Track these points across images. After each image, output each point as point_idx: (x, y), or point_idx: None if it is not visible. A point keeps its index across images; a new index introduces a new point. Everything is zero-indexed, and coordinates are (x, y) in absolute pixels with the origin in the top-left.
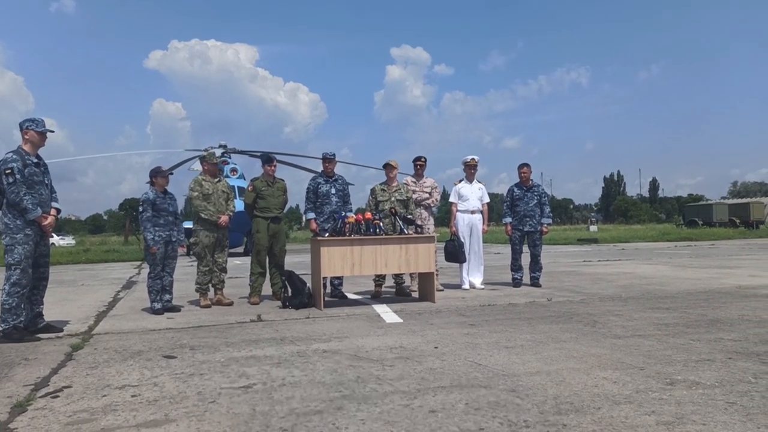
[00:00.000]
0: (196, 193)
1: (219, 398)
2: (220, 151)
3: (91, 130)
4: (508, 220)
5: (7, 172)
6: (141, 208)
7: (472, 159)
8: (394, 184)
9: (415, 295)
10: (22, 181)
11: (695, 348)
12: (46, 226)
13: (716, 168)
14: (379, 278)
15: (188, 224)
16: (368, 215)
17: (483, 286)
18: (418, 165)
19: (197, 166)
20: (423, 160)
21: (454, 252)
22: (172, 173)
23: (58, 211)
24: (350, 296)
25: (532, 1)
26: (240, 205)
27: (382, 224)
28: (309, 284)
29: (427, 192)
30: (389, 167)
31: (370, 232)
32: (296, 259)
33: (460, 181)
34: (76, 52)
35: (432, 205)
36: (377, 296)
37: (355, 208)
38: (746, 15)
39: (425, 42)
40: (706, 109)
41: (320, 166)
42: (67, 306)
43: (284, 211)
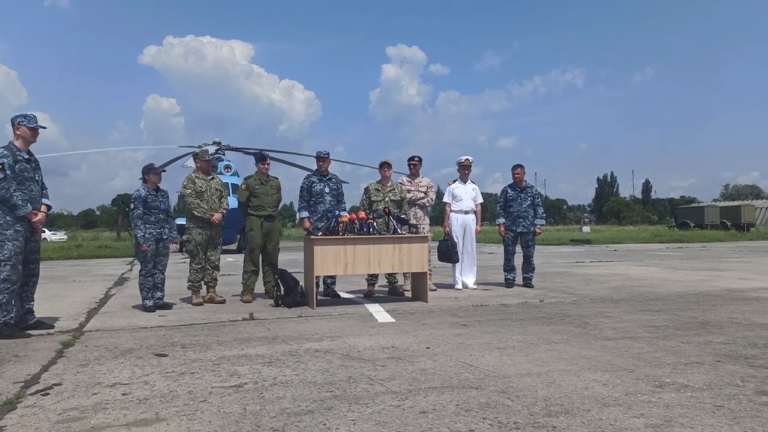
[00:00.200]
0: (189, 191)
1: (210, 397)
2: (214, 147)
3: (85, 125)
4: (502, 220)
5: None
6: (132, 206)
7: (466, 159)
8: (389, 184)
9: (408, 295)
10: (12, 177)
11: (684, 351)
12: (36, 223)
13: (708, 170)
14: (372, 277)
15: (181, 221)
16: (362, 214)
17: (476, 287)
18: (412, 164)
19: (191, 163)
20: (417, 159)
21: (447, 252)
22: (165, 170)
23: (49, 207)
24: (343, 295)
25: (528, 2)
26: (233, 203)
27: (375, 224)
28: (302, 283)
29: (422, 191)
30: (386, 166)
31: (364, 231)
32: (289, 257)
33: (454, 182)
34: (70, 47)
35: (427, 205)
36: (370, 295)
37: (348, 207)
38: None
39: (421, 41)
40: (699, 112)
41: (314, 164)
42: (58, 302)
43: (278, 209)
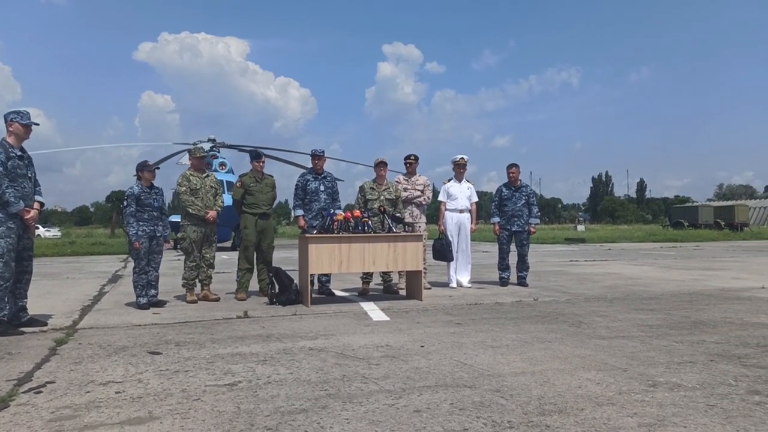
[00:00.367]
0: (184, 188)
1: (204, 396)
2: (209, 145)
3: (79, 122)
4: (497, 219)
5: None
6: (125, 203)
7: (462, 158)
8: (384, 183)
9: (403, 293)
10: (4, 173)
11: (678, 350)
12: (29, 220)
13: (703, 170)
14: (366, 276)
15: (175, 218)
16: (357, 213)
17: (470, 285)
18: (408, 163)
19: (185, 159)
20: (413, 158)
21: (442, 250)
22: (159, 168)
23: (42, 204)
24: (338, 293)
25: (525, 1)
26: (228, 200)
27: (370, 222)
28: (296, 281)
29: (419, 190)
30: (382, 165)
31: (359, 229)
32: (284, 255)
33: (449, 180)
34: (65, 43)
35: (424, 203)
36: (365, 294)
37: (343, 204)
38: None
39: (417, 39)
40: (694, 112)
41: (309, 162)
42: (52, 300)
43: (273, 207)
